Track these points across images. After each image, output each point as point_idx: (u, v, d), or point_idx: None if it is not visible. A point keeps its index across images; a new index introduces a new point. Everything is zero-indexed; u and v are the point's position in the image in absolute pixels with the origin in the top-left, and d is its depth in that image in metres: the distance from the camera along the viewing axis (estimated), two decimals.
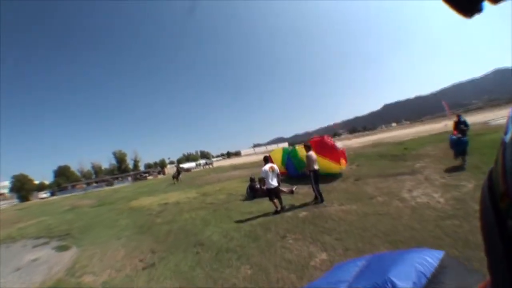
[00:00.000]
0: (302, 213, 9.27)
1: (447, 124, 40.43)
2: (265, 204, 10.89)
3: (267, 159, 10.86)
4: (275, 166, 10.58)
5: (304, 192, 12.39)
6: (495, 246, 0.51)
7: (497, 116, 37.13)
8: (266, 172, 10.14)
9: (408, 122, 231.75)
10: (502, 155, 0.52)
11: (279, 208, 9.95)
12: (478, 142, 15.20)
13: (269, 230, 8.07)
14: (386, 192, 9.92)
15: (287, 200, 11.22)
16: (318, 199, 10.15)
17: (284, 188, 12.92)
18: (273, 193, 10.16)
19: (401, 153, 18.79)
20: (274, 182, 10.12)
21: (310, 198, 10.73)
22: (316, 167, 10.34)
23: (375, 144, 32.43)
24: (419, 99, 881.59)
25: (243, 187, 15.51)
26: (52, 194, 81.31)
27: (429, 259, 2.19)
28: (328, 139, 14.92)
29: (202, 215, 11.70)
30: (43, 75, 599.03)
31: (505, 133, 0.53)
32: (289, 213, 9.54)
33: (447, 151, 14.59)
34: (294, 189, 13.06)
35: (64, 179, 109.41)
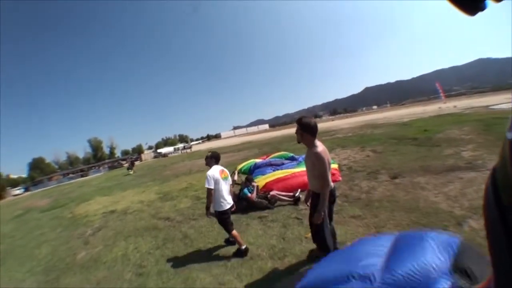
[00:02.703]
0: None
1: (441, 107, 40.71)
2: (252, 231, 6.33)
3: (216, 158, 5.84)
4: (227, 171, 5.86)
5: None
6: (499, 244, 0.52)
7: (494, 102, 35.11)
8: (217, 179, 5.40)
9: (389, 105, 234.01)
10: (511, 151, 0.51)
11: (243, 247, 5.42)
12: None
13: None
14: (478, 208, 5.36)
15: (289, 219, 6.80)
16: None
17: (282, 192, 8.31)
18: (227, 219, 5.58)
19: (423, 136, 15.38)
20: (229, 199, 5.62)
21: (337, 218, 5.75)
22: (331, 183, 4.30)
23: (372, 125, 29.79)
24: (400, 83, 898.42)
25: None
26: (26, 189, 75.09)
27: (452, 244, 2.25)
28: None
29: (143, 251, 6.78)
30: (11, 62, 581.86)
31: (510, 129, 0.54)
32: None
33: (482, 135, 12.74)
34: (297, 194, 8.13)
35: (38, 172, 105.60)
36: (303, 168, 10.08)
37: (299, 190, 8.32)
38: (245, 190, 8.39)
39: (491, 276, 0.63)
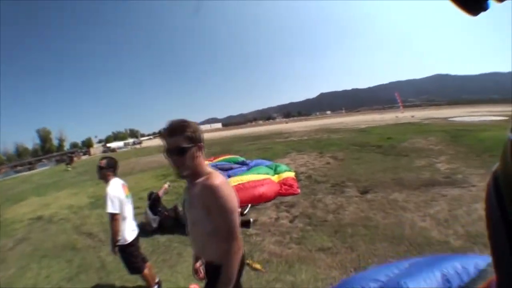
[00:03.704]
0: None
1: (398, 116, 41.27)
2: (184, 265, 4.91)
3: (114, 167, 4.13)
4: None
5: (271, 222, 6.24)
6: (502, 246, 0.50)
7: (452, 114, 35.09)
8: (122, 199, 3.89)
9: (344, 111, 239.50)
10: None
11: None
12: (486, 140, 12.15)
13: None
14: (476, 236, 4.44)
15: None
16: None
17: None
18: (135, 252, 4.12)
19: (386, 143, 14.63)
20: (135, 225, 4.24)
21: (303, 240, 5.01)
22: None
23: (328, 130, 29.30)
24: (356, 91, 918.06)
25: (154, 189, 9.02)
26: None
27: (467, 266, 2.14)
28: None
29: (54, 282, 5.32)
30: None
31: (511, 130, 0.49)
32: None
33: (452, 146, 12.04)
34: (246, 211, 6.68)
35: None
36: (255, 177, 8.58)
37: (248, 206, 6.90)
38: None
39: (493, 277, 0.60)
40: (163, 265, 5.02)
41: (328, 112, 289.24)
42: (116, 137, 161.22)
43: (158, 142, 57.80)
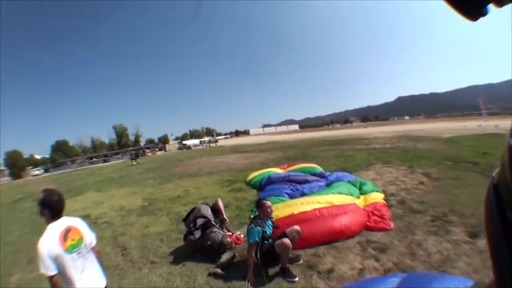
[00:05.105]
0: None
1: (481, 125, 36.55)
2: None
3: (51, 207, 2.78)
4: (78, 227, 2.93)
5: (353, 276, 4.38)
6: (501, 249, 0.50)
7: None
8: (57, 255, 2.59)
9: (422, 117, 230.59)
10: (510, 156, 0.48)
11: None
12: None
13: None
14: None
15: None
16: None
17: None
18: None
19: (483, 160, 11.76)
20: (94, 280, 2.88)
21: None
22: None
23: (412, 138, 26.28)
24: (433, 96, 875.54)
25: (215, 196, 9.60)
26: (46, 170, 78.67)
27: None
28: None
29: None
30: (37, 39, 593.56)
31: (511, 136, 0.49)
32: None
33: None
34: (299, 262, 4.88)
35: (61, 154, 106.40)
36: (336, 198, 6.81)
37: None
38: (256, 229, 4.60)
39: (492, 281, 0.57)
40: None
41: (406, 117, 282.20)
42: (193, 135, 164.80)
43: (233, 141, 58.03)
